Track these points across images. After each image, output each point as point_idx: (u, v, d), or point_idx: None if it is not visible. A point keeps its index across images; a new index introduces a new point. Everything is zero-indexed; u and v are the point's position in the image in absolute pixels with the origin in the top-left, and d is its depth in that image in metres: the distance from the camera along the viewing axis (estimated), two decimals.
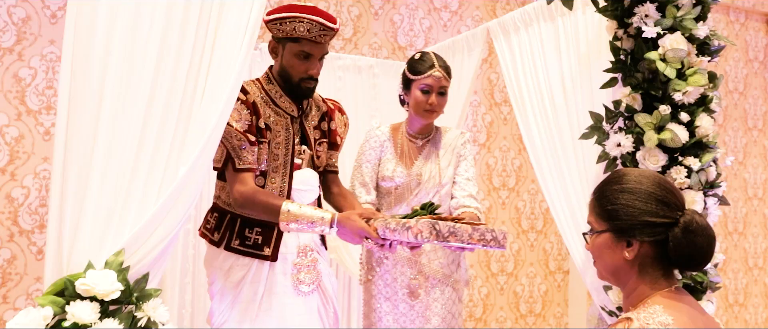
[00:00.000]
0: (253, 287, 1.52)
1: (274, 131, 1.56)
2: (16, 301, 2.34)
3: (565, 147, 1.96)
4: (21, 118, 2.37)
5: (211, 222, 1.58)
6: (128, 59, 1.26)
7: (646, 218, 0.93)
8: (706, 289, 1.65)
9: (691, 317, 0.92)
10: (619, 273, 0.97)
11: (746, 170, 3.77)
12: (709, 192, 1.65)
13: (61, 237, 1.20)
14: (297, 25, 1.51)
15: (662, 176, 1.01)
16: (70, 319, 1.11)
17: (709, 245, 0.94)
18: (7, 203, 2.34)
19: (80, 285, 1.14)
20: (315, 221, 1.42)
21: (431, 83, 1.79)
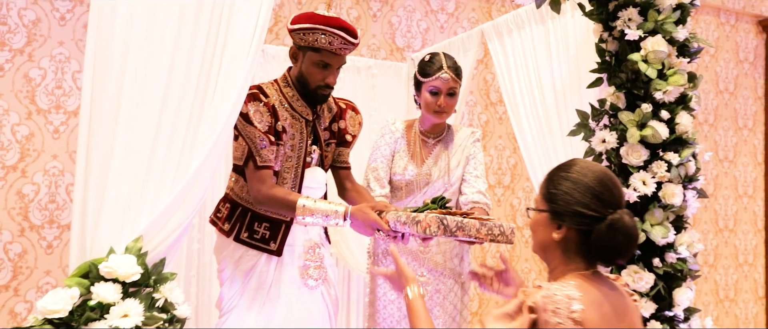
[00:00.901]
0: (262, 276, 1.63)
1: (290, 133, 1.66)
2: (27, 294, 2.45)
3: (555, 143, 2.09)
4: (31, 117, 2.48)
5: (223, 212, 1.70)
6: (144, 63, 1.37)
7: (578, 208, 1.02)
8: (686, 277, 1.77)
9: (600, 298, 1.00)
10: (547, 249, 1.07)
11: (737, 169, 3.90)
12: (689, 185, 1.77)
13: (85, 226, 1.32)
14: (319, 37, 1.59)
15: (609, 173, 1.07)
16: (95, 299, 1.22)
17: (628, 245, 1.02)
18: (18, 200, 2.45)
19: (103, 268, 1.26)
20: (329, 214, 1.53)
21: (440, 85, 1.86)
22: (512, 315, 0.98)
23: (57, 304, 1.19)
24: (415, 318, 1.12)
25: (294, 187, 1.67)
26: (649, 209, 1.72)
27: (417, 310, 1.13)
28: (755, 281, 3.92)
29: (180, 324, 1.33)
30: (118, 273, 1.25)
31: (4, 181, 2.44)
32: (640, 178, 1.72)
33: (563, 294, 0.97)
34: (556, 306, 0.96)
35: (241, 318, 1.61)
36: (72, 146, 2.53)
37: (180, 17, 1.41)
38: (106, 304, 1.22)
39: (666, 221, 1.73)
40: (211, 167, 1.44)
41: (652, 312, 1.71)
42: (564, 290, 0.98)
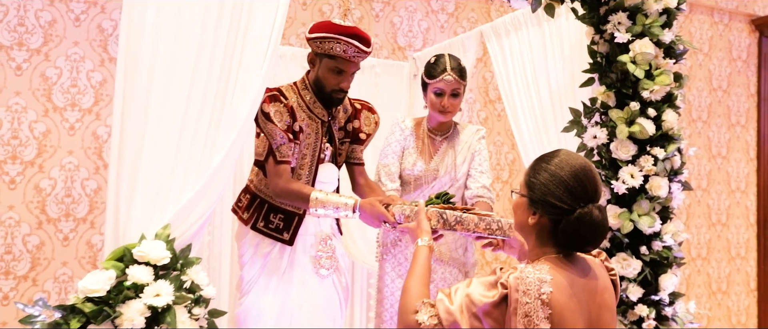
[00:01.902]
0: (277, 262, 1.79)
1: (306, 132, 1.81)
2: (45, 284, 2.59)
3: (550, 139, 2.24)
4: (48, 114, 2.61)
5: (243, 202, 1.85)
6: (169, 68, 1.52)
7: (551, 199, 1.12)
8: (672, 264, 1.93)
9: (570, 281, 1.10)
10: (524, 231, 1.19)
11: (729, 164, 4.06)
12: (674, 178, 1.92)
13: (118, 215, 1.47)
14: (335, 45, 1.71)
15: (587, 168, 1.14)
16: (130, 279, 1.37)
17: (594, 237, 1.12)
18: (35, 194, 2.59)
19: (136, 252, 1.40)
20: (340, 206, 1.67)
21: (443, 87, 1.97)
22: (489, 285, 1.10)
23: (96, 284, 1.34)
24: (412, 269, 1.22)
25: (308, 182, 1.82)
26: (637, 201, 1.87)
27: (417, 260, 1.23)
28: (747, 274, 4.09)
29: (205, 304, 1.47)
30: (150, 257, 1.40)
31: (22, 176, 2.58)
32: (629, 171, 1.88)
33: (535, 277, 1.08)
34: (526, 287, 1.07)
35: (258, 299, 1.76)
36: (87, 142, 2.67)
37: (203, 23, 1.55)
38: (140, 285, 1.37)
39: (652, 212, 1.88)
40: (231, 162, 1.58)
41: (639, 296, 1.86)
42: (537, 273, 1.09)
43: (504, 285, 1.08)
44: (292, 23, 2.98)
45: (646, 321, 1.85)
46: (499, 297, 1.08)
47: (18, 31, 2.58)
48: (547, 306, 1.07)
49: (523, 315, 1.06)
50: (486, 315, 1.08)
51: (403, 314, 1.15)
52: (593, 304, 1.14)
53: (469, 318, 1.08)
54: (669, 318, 1.90)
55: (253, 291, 1.77)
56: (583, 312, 1.11)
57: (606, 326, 1.17)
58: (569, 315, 1.09)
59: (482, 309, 1.08)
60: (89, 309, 1.31)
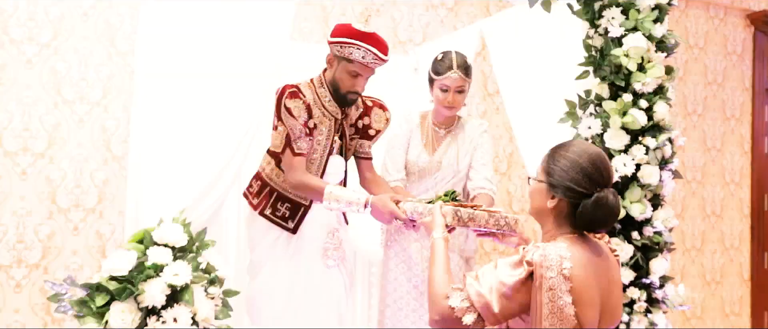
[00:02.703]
0: (285, 247, 1.90)
1: (319, 129, 1.90)
2: (56, 272, 2.69)
3: (547, 131, 2.34)
4: (58, 107, 2.71)
5: (254, 188, 1.95)
6: (187, 66, 1.63)
7: (571, 184, 1.22)
8: (662, 249, 2.04)
9: (585, 258, 1.21)
10: (541, 214, 1.30)
11: (724, 158, 4.17)
12: (665, 167, 2.03)
13: (138, 202, 1.57)
14: (354, 51, 1.79)
15: (603, 156, 1.25)
16: (150, 260, 1.47)
17: (609, 219, 1.23)
18: (46, 184, 2.68)
19: (156, 235, 1.51)
20: (352, 202, 1.78)
21: (449, 83, 2.06)
22: (515, 264, 1.20)
23: (120, 264, 1.44)
24: (433, 261, 1.29)
25: (317, 174, 1.92)
26: (629, 188, 1.98)
27: (436, 252, 1.31)
28: (741, 265, 4.21)
29: (220, 284, 1.58)
30: (168, 239, 1.50)
31: (33, 167, 2.67)
32: (621, 160, 1.99)
33: (556, 254, 1.19)
34: (550, 263, 1.17)
35: (267, 283, 1.86)
36: (96, 134, 2.76)
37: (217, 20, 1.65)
38: (160, 265, 1.47)
39: (644, 199, 1.99)
40: (243, 151, 1.69)
41: (631, 279, 1.97)
42: (557, 250, 1.20)
43: (529, 263, 1.18)
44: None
45: (637, 303, 1.97)
46: (526, 274, 1.18)
47: (28, 26, 2.67)
48: (568, 280, 1.17)
49: (548, 289, 1.16)
50: (515, 293, 1.18)
51: (435, 302, 1.22)
52: (605, 279, 1.26)
53: (499, 299, 1.17)
54: (659, 300, 2.01)
55: (262, 273, 1.88)
56: (598, 286, 1.22)
57: (616, 300, 1.29)
58: (587, 288, 1.20)
59: (512, 287, 1.18)
60: (114, 287, 1.42)
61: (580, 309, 1.19)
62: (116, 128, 2.78)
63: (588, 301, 1.20)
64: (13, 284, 2.65)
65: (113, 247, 2.75)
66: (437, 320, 1.22)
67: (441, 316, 1.21)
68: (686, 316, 4.04)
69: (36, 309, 2.67)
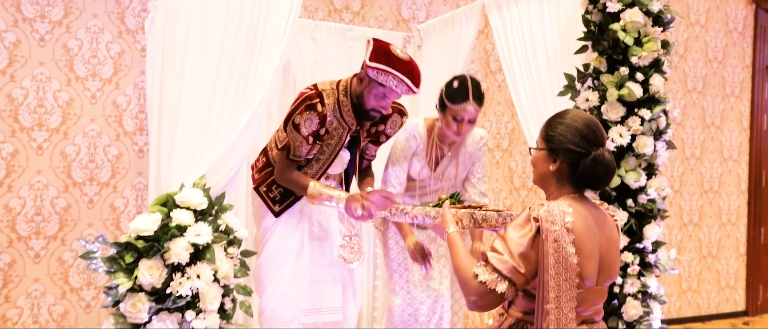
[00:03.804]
0: (287, 219, 2.01)
1: (331, 134, 1.95)
2: (72, 244, 2.83)
3: (547, 104, 2.45)
4: (70, 84, 2.81)
5: (259, 163, 2.07)
6: (201, 37, 1.72)
7: (569, 146, 1.35)
8: (656, 216, 2.16)
9: (585, 213, 1.34)
10: (544, 179, 1.42)
11: (723, 134, 4.28)
12: (660, 138, 2.14)
13: (160, 167, 1.68)
14: (389, 79, 1.81)
15: (595, 120, 1.38)
16: (174, 221, 1.60)
17: (607, 175, 1.35)
18: (61, 159, 2.80)
19: (178, 198, 1.63)
20: (332, 196, 1.89)
21: (463, 115, 2.04)
22: (523, 224, 1.32)
23: (145, 225, 1.56)
24: (454, 252, 1.39)
25: (318, 171, 1.99)
26: (625, 158, 2.09)
27: (454, 244, 1.40)
28: (737, 239, 4.35)
29: (238, 244, 1.70)
30: (190, 202, 1.62)
31: (48, 142, 2.79)
32: (618, 131, 2.09)
33: (559, 210, 1.32)
34: (554, 217, 1.30)
35: (271, 255, 1.98)
36: (108, 110, 2.87)
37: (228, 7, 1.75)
38: (183, 226, 1.59)
39: (639, 168, 2.11)
40: (259, 119, 1.80)
41: (625, 244, 2.10)
42: (559, 206, 1.33)
43: (535, 219, 1.31)
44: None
45: (631, 266, 2.09)
46: (535, 230, 1.31)
47: (40, 4, 2.76)
48: (571, 233, 1.30)
49: (553, 241, 1.29)
50: (530, 249, 1.30)
51: (467, 284, 1.31)
52: (603, 236, 1.38)
53: (520, 259, 1.29)
54: (652, 264, 2.14)
55: (270, 238, 1.98)
56: (596, 241, 1.35)
57: (614, 257, 1.41)
58: (587, 241, 1.32)
59: (526, 245, 1.30)
60: (141, 246, 1.54)
61: (581, 260, 1.31)
62: (127, 104, 2.89)
63: (588, 254, 1.33)
64: (33, 254, 2.78)
65: (127, 220, 2.88)
66: (474, 300, 1.30)
67: (477, 294, 1.29)
68: (682, 289, 4.19)
69: (55, 279, 2.82)
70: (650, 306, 2.12)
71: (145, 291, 1.54)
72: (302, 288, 2.00)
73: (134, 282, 1.53)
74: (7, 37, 2.72)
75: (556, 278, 1.29)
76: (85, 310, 2.88)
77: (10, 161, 2.74)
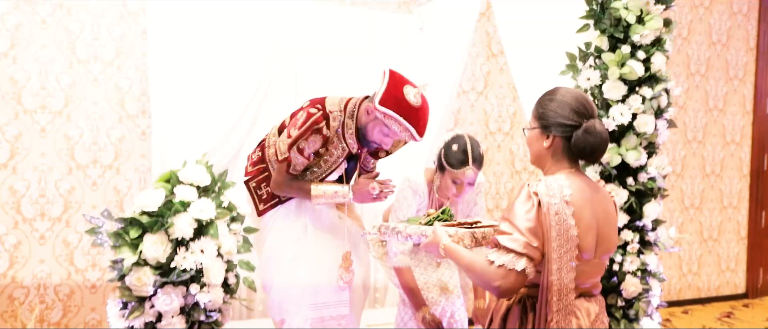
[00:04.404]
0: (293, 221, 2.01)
1: (331, 152, 1.94)
2: (77, 225, 2.86)
3: (549, 86, 2.43)
4: (72, 66, 2.83)
5: (254, 156, 1.99)
6: (204, 19, 1.72)
7: (561, 120, 1.37)
8: (656, 194, 2.18)
9: (582, 186, 1.37)
10: (540, 157, 1.44)
11: (725, 117, 4.28)
12: (660, 116, 2.15)
13: (163, 148, 1.71)
14: (394, 124, 1.81)
15: (584, 94, 1.42)
16: (178, 197, 1.62)
17: (600, 145, 1.36)
18: (65, 141, 2.83)
19: (182, 175, 1.65)
20: (337, 192, 1.90)
21: (463, 179, 1.98)
22: (525, 200, 1.34)
23: (150, 200, 1.59)
24: (458, 256, 1.38)
25: (317, 179, 1.97)
26: (625, 136, 2.10)
27: (454, 251, 1.40)
28: (738, 223, 4.36)
29: (241, 221, 1.73)
30: (193, 179, 1.64)
31: (52, 125, 2.81)
32: (619, 110, 2.10)
33: (557, 184, 1.35)
34: (552, 191, 1.33)
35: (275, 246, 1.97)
36: (110, 93, 2.89)
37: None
38: (186, 202, 1.62)
39: (639, 147, 2.12)
40: (260, 99, 1.82)
41: (625, 222, 2.12)
42: (557, 181, 1.36)
43: (535, 193, 1.33)
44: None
45: (630, 244, 2.11)
46: (536, 204, 1.33)
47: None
48: (570, 205, 1.33)
49: (554, 214, 1.31)
50: (537, 223, 1.32)
51: (485, 273, 1.31)
52: (600, 209, 1.41)
53: (530, 234, 1.31)
54: (651, 242, 2.16)
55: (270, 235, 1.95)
56: (594, 214, 1.38)
57: (611, 231, 1.43)
58: (585, 214, 1.35)
59: (533, 219, 1.32)
60: (146, 221, 1.56)
61: (580, 232, 1.34)
62: (130, 87, 2.91)
63: (586, 226, 1.35)
64: (38, 236, 2.82)
65: (130, 203, 2.91)
66: (498, 285, 1.29)
67: (500, 278, 1.29)
68: (682, 271, 4.21)
69: (60, 260, 2.85)
70: (649, 283, 2.14)
71: (150, 265, 1.57)
72: (307, 281, 2.00)
73: (139, 256, 1.56)
74: (9, 20, 2.73)
75: (558, 250, 1.31)
76: (91, 291, 2.92)
77: (14, 144, 2.76)
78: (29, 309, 2.77)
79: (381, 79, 1.84)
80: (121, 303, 1.61)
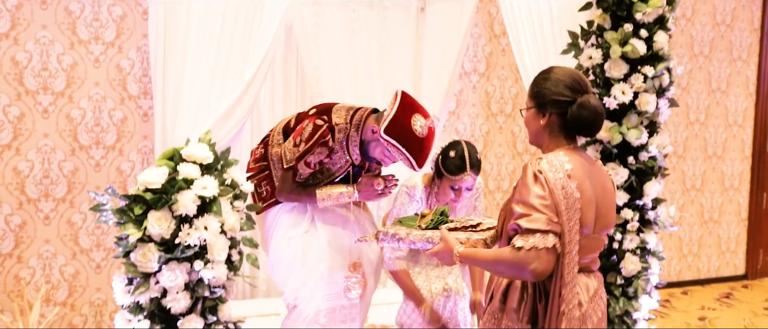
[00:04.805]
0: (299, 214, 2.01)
1: (334, 161, 1.94)
2: (81, 206, 2.89)
3: (550, 63, 2.44)
4: (74, 47, 2.83)
5: (257, 153, 1.99)
6: (204, 1, 1.72)
7: (556, 97, 1.39)
8: (657, 174, 2.19)
9: (581, 161, 1.38)
10: (538, 135, 1.45)
11: (728, 99, 4.27)
12: (662, 95, 2.15)
13: (165, 128, 1.72)
14: (396, 152, 1.81)
15: (577, 71, 1.43)
16: (181, 174, 1.63)
17: (595, 119, 1.38)
18: (67, 122, 2.84)
19: (185, 153, 1.66)
20: (343, 192, 1.92)
21: (461, 184, 1.99)
22: (533, 180, 1.34)
23: (153, 178, 1.60)
24: (479, 260, 1.39)
25: (322, 183, 1.95)
26: (627, 115, 2.11)
27: (473, 256, 1.39)
28: (739, 204, 4.38)
29: (244, 198, 1.74)
30: (196, 157, 1.66)
31: (53, 106, 2.82)
32: (620, 88, 2.10)
33: (558, 160, 1.36)
34: (555, 167, 1.34)
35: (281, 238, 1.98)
36: (112, 74, 2.89)
37: None
38: (189, 179, 1.63)
39: (641, 126, 2.12)
40: (262, 76, 1.82)
41: (625, 201, 2.13)
42: (556, 157, 1.37)
43: (540, 171, 1.34)
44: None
45: (630, 223, 2.13)
46: (544, 180, 1.34)
47: None
48: (572, 179, 1.35)
49: (561, 188, 1.33)
50: (553, 200, 1.32)
51: (518, 261, 1.30)
52: (598, 184, 1.43)
53: (548, 209, 1.31)
54: (651, 221, 2.18)
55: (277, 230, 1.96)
56: (593, 189, 1.39)
57: (609, 206, 1.45)
58: (586, 188, 1.37)
59: (548, 197, 1.32)
60: (150, 198, 1.58)
61: (582, 206, 1.35)
62: (131, 68, 2.91)
63: (587, 201, 1.37)
64: (42, 216, 2.85)
65: (133, 184, 2.93)
66: (534, 268, 1.29)
67: (535, 261, 1.29)
68: (682, 253, 4.24)
69: (65, 240, 2.89)
70: (648, 261, 2.16)
71: (155, 242, 1.59)
72: (319, 271, 2.01)
73: (144, 232, 1.58)
74: (9, 0, 2.72)
75: (567, 224, 1.33)
76: (96, 271, 2.96)
77: (17, 125, 2.77)
78: (35, 289, 2.81)
79: (391, 102, 1.83)
80: (127, 279, 1.63)
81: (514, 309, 1.39)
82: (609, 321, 2.18)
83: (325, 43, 2.87)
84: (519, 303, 1.40)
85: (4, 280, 2.80)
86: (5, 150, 2.76)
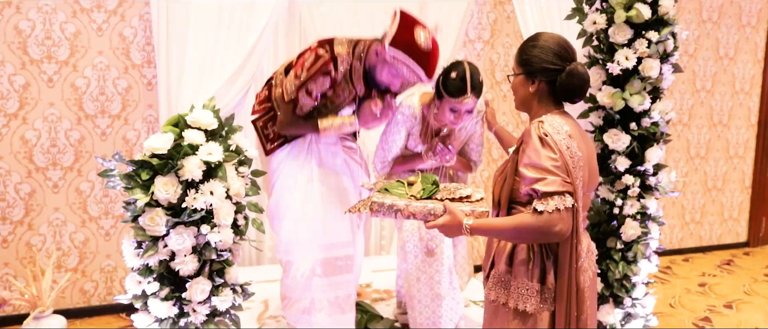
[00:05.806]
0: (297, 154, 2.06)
1: (337, 93, 1.95)
2: (89, 174, 2.93)
3: (554, 29, 2.43)
4: (76, 15, 2.82)
5: (262, 95, 2.08)
6: None
7: (545, 65, 1.42)
8: (659, 140, 2.19)
9: (574, 126, 1.43)
10: (526, 102, 1.48)
11: (735, 66, 4.22)
12: (666, 60, 2.14)
13: (169, 96, 1.73)
14: (404, 69, 1.79)
15: (565, 39, 1.44)
16: (186, 140, 1.66)
17: (583, 86, 1.41)
18: (72, 91, 2.86)
19: (189, 119, 1.69)
20: (344, 123, 1.95)
21: (461, 107, 1.95)
22: (541, 144, 1.36)
23: (159, 143, 1.63)
24: (493, 229, 1.38)
25: (323, 115, 1.98)
26: (630, 81, 2.10)
27: (485, 225, 1.39)
28: (743, 172, 4.38)
29: (249, 164, 1.78)
30: (201, 123, 1.68)
31: (58, 75, 2.84)
32: (624, 54, 2.09)
33: (557, 122, 1.40)
34: (556, 128, 1.38)
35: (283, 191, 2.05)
36: (115, 42, 2.89)
37: None
38: (195, 145, 1.66)
39: (643, 91, 2.12)
40: (265, 41, 1.83)
41: (626, 167, 2.14)
42: (555, 120, 1.41)
43: (545, 134, 1.38)
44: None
45: (631, 188, 2.15)
46: (552, 142, 1.37)
47: None
48: (572, 139, 1.38)
49: (566, 148, 1.37)
50: (562, 158, 1.36)
51: (542, 226, 1.31)
52: (588, 148, 1.47)
53: (560, 170, 1.34)
54: (652, 187, 2.20)
55: (280, 179, 2.03)
56: (586, 149, 1.44)
57: (595, 167, 1.51)
58: (582, 148, 1.41)
59: (558, 158, 1.35)
60: (156, 163, 1.61)
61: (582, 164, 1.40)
62: (134, 37, 2.91)
63: (584, 160, 1.42)
64: (51, 185, 2.90)
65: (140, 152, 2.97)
66: (560, 229, 1.31)
67: (560, 223, 1.31)
68: (685, 221, 4.27)
69: (74, 208, 2.95)
70: (648, 227, 2.19)
71: (162, 206, 1.63)
72: (314, 223, 2.06)
73: (151, 197, 1.62)
74: None
75: (575, 181, 1.37)
76: (105, 238, 3.03)
77: (23, 94, 2.80)
78: (47, 255, 2.88)
79: (391, 20, 1.81)
80: (136, 243, 1.68)
81: (524, 270, 1.43)
82: (608, 284, 2.23)
83: (329, 11, 2.85)
84: (527, 263, 1.44)
85: (17, 247, 2.87)
86: (12, 119, 2.80)
